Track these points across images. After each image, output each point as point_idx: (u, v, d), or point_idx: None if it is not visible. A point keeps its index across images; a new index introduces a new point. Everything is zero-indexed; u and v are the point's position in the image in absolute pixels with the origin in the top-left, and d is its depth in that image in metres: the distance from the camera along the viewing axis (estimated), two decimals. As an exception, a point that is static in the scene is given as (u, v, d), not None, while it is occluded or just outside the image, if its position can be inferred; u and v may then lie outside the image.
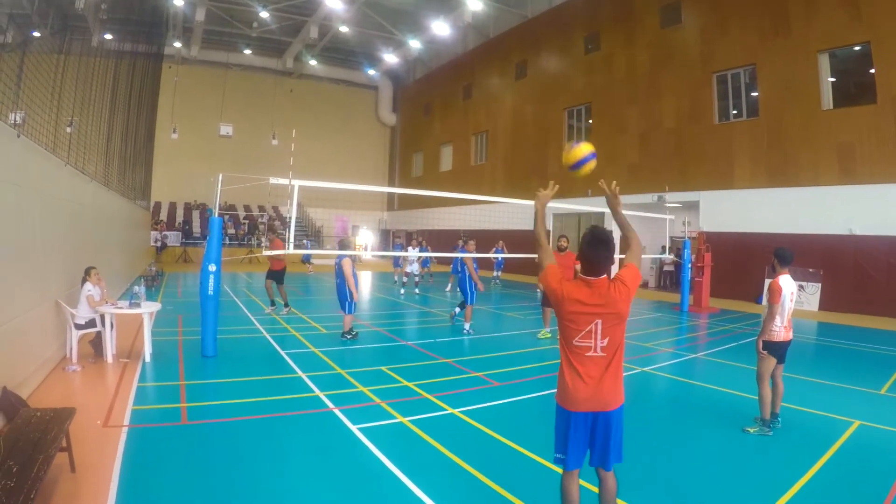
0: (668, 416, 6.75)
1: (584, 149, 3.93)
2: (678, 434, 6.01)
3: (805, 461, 5.12)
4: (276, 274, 13.43)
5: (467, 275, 11.60)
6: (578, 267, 3.42)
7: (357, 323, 11.47)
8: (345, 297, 10.34)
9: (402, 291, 18.85)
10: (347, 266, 10.33)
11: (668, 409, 7.13)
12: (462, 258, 11.93)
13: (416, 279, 19.36)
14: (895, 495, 4.43)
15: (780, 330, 5.86)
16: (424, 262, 22.98)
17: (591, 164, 3.94)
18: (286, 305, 13.37)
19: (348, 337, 10.34)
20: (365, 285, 21.93)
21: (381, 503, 4.19)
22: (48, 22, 15.23)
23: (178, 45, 35.20)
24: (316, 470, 4.77)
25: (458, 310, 12.37)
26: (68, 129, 9.56)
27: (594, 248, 3.29)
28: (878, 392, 7.83)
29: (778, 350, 5.90)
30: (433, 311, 15.02)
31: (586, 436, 3.37)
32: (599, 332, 3.26)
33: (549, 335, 10.96)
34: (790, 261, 6.04)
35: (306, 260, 26.15)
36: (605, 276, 3.34)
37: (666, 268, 22.03)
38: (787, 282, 5.89)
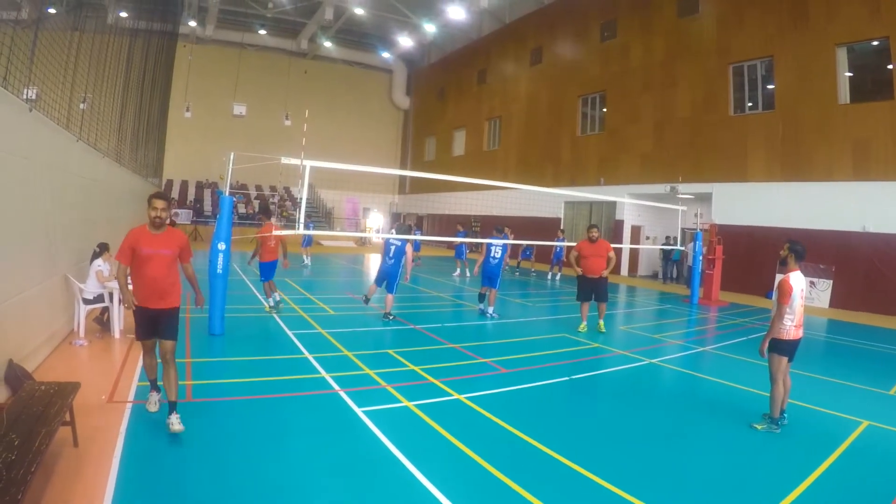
0: (675, 408, 6.70)
1: None
2: (685, 427, 5.98)
3: (813, 460, 5.07)
4: (267, 268, 10.91)
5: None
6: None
7: (371, 307, 11.56)
8: (394, 278, 10.68)
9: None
10: (410, 251, 10.80)
11: (675, 401, 7.07)
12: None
13: None
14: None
15: (791, 328, 5.74)
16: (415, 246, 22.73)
17: None
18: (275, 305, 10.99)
19: (391, 318, 10.66)
20: (372, 268, 21.89)
21: (383, 487, 4.18)
22: (63, -1, 15.16)
23: (193, 24, 35.00)
24: (319, 451, 4.78)
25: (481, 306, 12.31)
26: (82, 106, 9.56)
27: None
28: (887, 392, 7.74)
29: (789, 349, 5.79)
30: (441, 296, 15.00)
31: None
32: None
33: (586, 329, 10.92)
34: (804, 257, 5.90)
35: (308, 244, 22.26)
36: None
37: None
38: (798, 279, 5.75)
